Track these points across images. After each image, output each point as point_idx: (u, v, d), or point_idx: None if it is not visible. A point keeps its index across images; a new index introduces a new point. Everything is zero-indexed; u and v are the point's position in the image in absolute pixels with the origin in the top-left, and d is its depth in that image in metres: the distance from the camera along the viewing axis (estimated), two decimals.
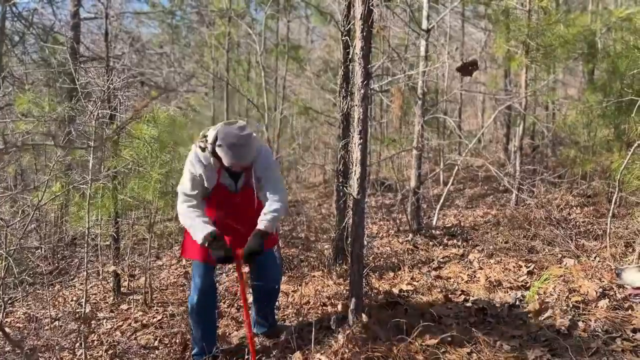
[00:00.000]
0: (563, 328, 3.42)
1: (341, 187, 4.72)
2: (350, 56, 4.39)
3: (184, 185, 3.13)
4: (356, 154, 3.41)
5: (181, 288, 5.49)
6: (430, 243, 5.66)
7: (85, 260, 3.85)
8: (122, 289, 5.56)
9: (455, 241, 5.66)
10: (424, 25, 5.90)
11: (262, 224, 3.05)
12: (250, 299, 3.90)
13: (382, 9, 5.68)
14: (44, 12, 9.77)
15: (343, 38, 4.48)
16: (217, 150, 2.93)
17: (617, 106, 5.75)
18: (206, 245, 2.95)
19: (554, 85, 10.15)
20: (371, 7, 3.29)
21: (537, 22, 6.17)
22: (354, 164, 3.43)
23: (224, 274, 5.59)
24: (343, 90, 4.61)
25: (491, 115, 8.81)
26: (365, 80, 3.29)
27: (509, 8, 6.61)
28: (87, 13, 10.27)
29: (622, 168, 4.22)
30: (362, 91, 3.30)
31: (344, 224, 4.72)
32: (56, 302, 5.21)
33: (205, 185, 3.12)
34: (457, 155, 7.00)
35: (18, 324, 4.87)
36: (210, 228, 2.98)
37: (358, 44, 3.26)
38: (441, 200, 6.43)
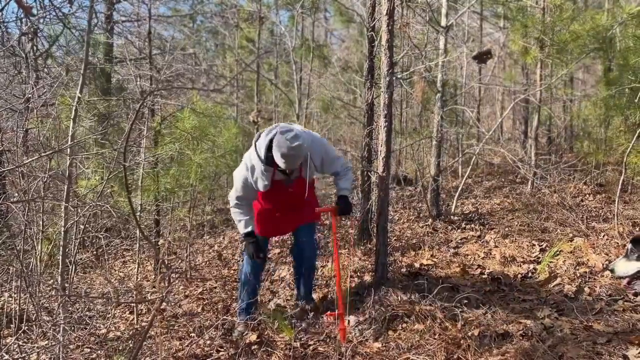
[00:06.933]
0: (570, 293, 3.76)
1: (366, 171, 5.11)
2: (374, 49, 4.79)
3: (236, 190, 3.61)
4: (382, 135, 3.82)
5: (216, 267, 5.93)
6: (449, 227, 6.01)
7: (138, 232, 4.31)
8: (161, 269, 6.01)
9: (472, 225, 6.00)
10: (443, 22, 6.27)
11: (342, 191, 3.71)
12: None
13: (404, 8, 6.07)
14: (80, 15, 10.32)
15: (368, 33, 4.89)
16: (273, 153, 3.32)
17: (628, 98, 6.05)
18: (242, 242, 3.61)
19: (572, 83, 10.39)
20: (395, 5, 3.71)
21: (551, 19, 6.51)
22: (380, 144, 3.83)
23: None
24: (368, 82, 5.01)
25: (509, 112, 9.12)
26: (390, 68, 3.69)
27: (525, 7, 6.95)
28: (121, 17, 10.82)
29: (628, 151, 4.52)
30: (388, 78, 3.70)
31: (368, 205, 5.11)
32: (106, 278, 5.69)
33: (259, 188, 3.53)
34: (476, 143, 7.32)
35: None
36: (247, 229, 3.62)
37: (384, 36, 3.66)
38: (459, 189, 6.78)
